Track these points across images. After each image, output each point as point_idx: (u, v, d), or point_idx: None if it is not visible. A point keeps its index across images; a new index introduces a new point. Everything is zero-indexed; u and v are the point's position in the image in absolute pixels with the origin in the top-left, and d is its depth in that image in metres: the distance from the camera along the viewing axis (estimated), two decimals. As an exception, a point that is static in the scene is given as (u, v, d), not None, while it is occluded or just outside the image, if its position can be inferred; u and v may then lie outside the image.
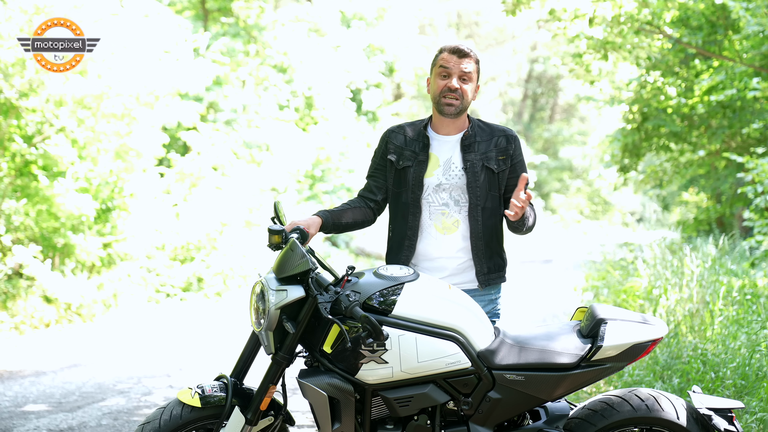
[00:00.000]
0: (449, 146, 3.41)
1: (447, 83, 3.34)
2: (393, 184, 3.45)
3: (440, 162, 3.40)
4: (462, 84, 3.34)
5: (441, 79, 3.36)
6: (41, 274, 9.37)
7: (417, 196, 3.38)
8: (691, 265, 6.67)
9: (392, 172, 3.44)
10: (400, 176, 3.42)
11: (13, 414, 5.63)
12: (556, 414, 3.15)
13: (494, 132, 3.44)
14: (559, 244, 24.38)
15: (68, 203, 9.75)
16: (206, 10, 16.92)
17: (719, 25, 11.78)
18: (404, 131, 3.48)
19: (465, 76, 3.35)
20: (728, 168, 13.62)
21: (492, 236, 3.41)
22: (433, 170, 3.39)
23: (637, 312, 3.31)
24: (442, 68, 3.35)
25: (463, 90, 3.34)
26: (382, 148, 3.50)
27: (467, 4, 31.52)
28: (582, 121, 35.98)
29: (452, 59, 3.34)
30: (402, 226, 3.42)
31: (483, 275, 3.38)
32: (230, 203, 13.26)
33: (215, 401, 3.06)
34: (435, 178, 3.38)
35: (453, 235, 3.37)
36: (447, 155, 3.40)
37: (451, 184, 3.37)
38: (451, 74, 3.34)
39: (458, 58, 3.34)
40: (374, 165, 3.53)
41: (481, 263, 3.38)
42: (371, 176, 3.53)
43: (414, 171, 3.39)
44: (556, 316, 9.41)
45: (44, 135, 9.56)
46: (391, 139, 3.47)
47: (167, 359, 7.73)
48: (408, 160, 3.40)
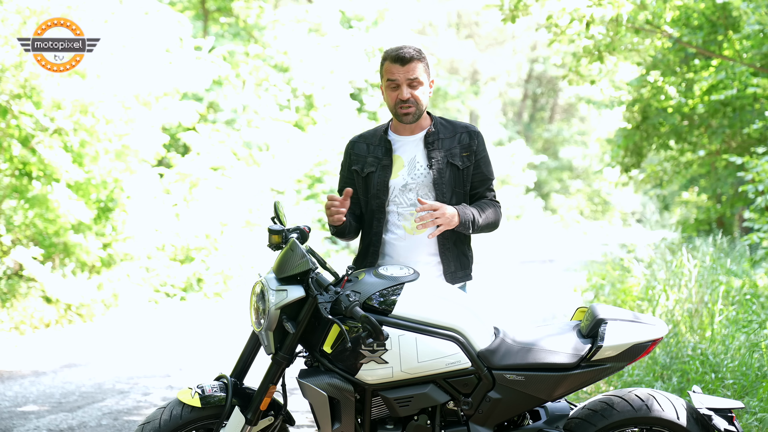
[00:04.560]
0: (412, 145, 3.40)
1: (398, 95, 3.31)
2: (361, 193, 3.43)
3: (404, 162, 3.38)
4: (412, 91, 3.31)
5: (391, 90, 3.33)
6: (41, 276, 9.37)
7: (381, 201, 3.36)
8: (689, 265, 6.67)
9: (359, 181, 3.42)
10: (365, 184, 3.41)
11: (13, 414, 5.63)
12: (556, 414, 3.15)
13: (457, 129, 3.43)
14: (559, 244, 24.38)
15: (63, 209, 9.74)
16: (206, 10, 16.93)
17: (719, 24, 11.79)
18: (365, 139, 3.45)
19: (413, 83, 3.31)
20: (728, 168, 13.62)
21: (459, 234, 3.38)
22: (398, 171, 3.38)
23: (637, 312, 3.32)
24: (389, 80, 3.32)
25: (414, 97, 3.31)
26: (346, 160, 3.47)
27: (467, 4, 31.52)
28: (582, 121, 35.99)
29: (396, 69, 3.29)
30: (368, 233, 3.41)
31: (450, 273, 3.37)
32: (230, 203, 13.26)
33: (215, 401, 3.06)
34: (400, 179, 3.36)
35: (422, 235, 3.35)
36: (411, 155, 3.38)
37: (417, 183, 3.35)
38: (400, 84, 3.30)
39: (401, 66, 3.29)
40: (343, 179, 3.49)
41: (448, 261, 3.37)
42: (341, 190, 3.47)
43: (378, 176, 3.37)
44: (556, 316, 9.41)
45: (39, 140, 9.52)
46: (354, 150, 3.45)
47: (167, 359, 7.73)
48: (371, 166, 3.39)
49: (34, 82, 9.11)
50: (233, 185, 13.71)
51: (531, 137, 35.87)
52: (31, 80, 9.07)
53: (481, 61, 32.99)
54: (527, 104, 37.62)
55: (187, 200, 13.04)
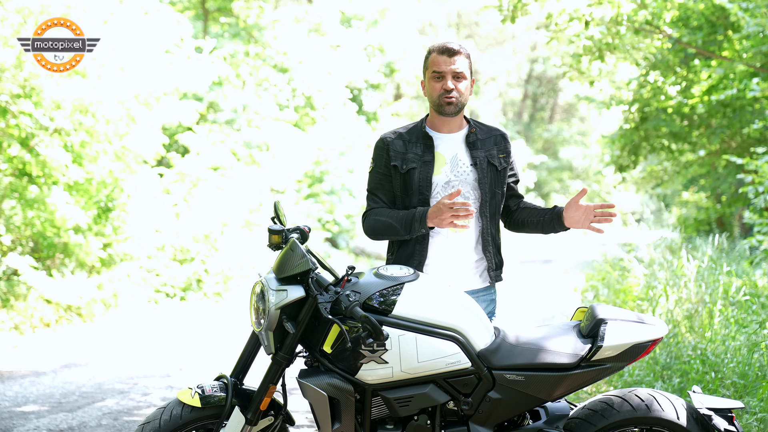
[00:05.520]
0: (453, 143, 3.40)
1: (442, 85, 3.33)
2: (400, 190, 3.38)
3: (447, 160, 3.38)
4: (456, 83, 3.34)
5: (435, 81, 3.35)
6: (37, 283, 9.33)
7: (426, 197, 3.34)
8: (689, 265, 6.67)
9: (398, 178, 3.37)
10: (405, 180, 3.36)
11: (13, 414, 5.63)
12: (556, 414, 3.15)
13: (491, 131, 3.47)
14: (559, 244, 24.37)
15: (60, 212, 9.73)
16: (206, 10, 16.93)
17: (719, 24, 11.79)
18: (401, 136, 3.41)
19: (458, 75, 3.33)
20: (728, 168, 13.63)
21: (497, 233, 3.43)
22: (441, 168, 3.37)
23: (637, 312, 3.32)
24: (435, 72, 3.34)
25: (458, 89, 3.34)
26: (383, 156, 3.39)
27: (467, 4, 31.51)
28: (582, 121, 36.00)
29: (442, 60, 3.32)
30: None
31: (493, 271, 3.41)
32: (230, 203, 13.26)
33: (215, 401, 3.06)
34: (443, 176, 3.36)
35: (466, 233, 3.36)
36: (453, 152, 3.39)
37: (460, 180, 3.36)
38: (445, 76, 3.33)
39: (448, 57, 3.32)
40: (378, 177, 3.40)
41: (491, 260, 3.40)
42: (377, 188, 3.40)
43: (420, 172, 3.35)
44: (556, 316, 9.41)
45: (39, 139, 9.51)
46: (391, 146, 3.39)
47: (167, 359, 7.73)
48: (412, 162, 3.35)
49: (33, 82, 9.11)
50: (233, 185, 13.70)
51: (531, 137, 35.87)
52: (31, 80, 9.06)
53: (481, 61, 32.98)
54: (527, 104, 37.62)
55: (187, 200, 13.03)
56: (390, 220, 3.31)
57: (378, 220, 3.34)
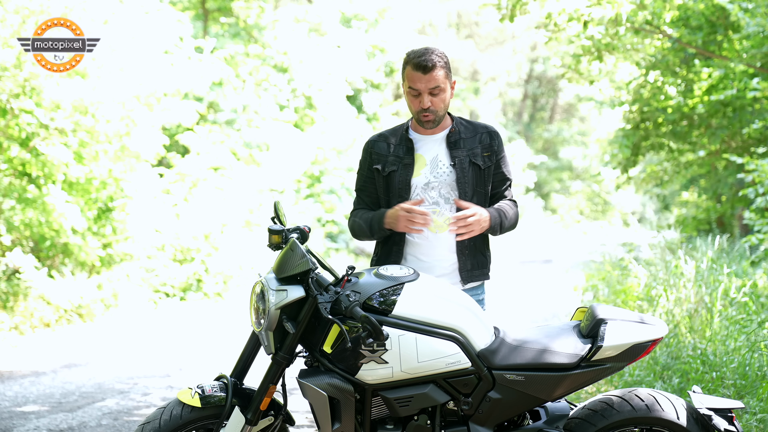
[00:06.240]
0: (434, 144, 3.41)
1: (420, 102, 3.33)
2: (382, 192, 3.43)
3: (427, 161, 3.39)
4: (433, 98, 3.32)
5: (413, 97, 3.34)
6: (38, 282, 9.34)
7: (405, 199, 3.37)
8: (688, 266, 6.66)
9: (380, 180, 3.43)
10: (387, 183, 3.41)
11: (13, 414, 5.63)
12: (556, 414, 3.15)
13: (477, 129, 3.45)
14: (559, 244, 24.38)
15: (58, 211, 9.73)
16: (206, 10, 16.92)
17: (719, 24, 11.78)
18: (386, 139, 3.46)
19: (434, 91, 3.32)
20: (728, 168, 13.62)
21: (479, 234, 3.39)
22: (420, 170, 3.39)
23: (637, 312, 3.32)
24: (411, 88, 3.33)
25: (435, 105, 3.33)
26: (366, 159, 3.47)
27: (467, 4, 31.51)
28: (582, 121, 35.99)
29: (417, 77, 3.30)
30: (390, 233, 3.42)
31: (466, 272, 3.40)
32: (230, 203, 13.26)
33: (215, 401, 3.06)
34: (423, 177, 3.38)
35: (444, 234, 3.37)
36: (433, 153, 3.40)
37: (439, 181, 3.37)
38: (421, 93, 3.32)
39: (423, 74, 3.29)
40: (362, 178, 3.50)
41: (464, 260, 3.39)
42: (361, 189, 3.50)
43: (400, 174, 3.38)
44: (556, 316, 9.41)
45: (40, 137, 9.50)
46: (374, 149, 3.45)
47: (167, 359, 7.73)
48: (393, 165, 3.39)
49: (33, 82, 9.10)
50: (233, 185, 13.70)
51: (531, 137, 35.87)
52: (31, 80, 9.06)
53: (481, 61, 32.98)
54: (527, 104, 37.61)
55: (188, 200, 13.03)
56: (361, 221, 3.43)
57: (355, 221, 3.46)
